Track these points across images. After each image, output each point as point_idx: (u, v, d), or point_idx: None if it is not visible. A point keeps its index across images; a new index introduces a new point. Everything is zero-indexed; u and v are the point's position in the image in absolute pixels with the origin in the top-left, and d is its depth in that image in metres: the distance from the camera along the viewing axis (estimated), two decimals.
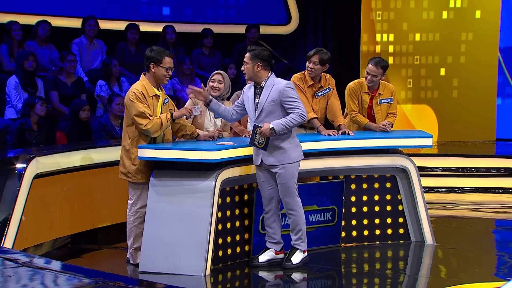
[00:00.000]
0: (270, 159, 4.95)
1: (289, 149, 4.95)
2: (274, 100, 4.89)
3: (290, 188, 4.97)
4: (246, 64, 4.97)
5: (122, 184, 5.37)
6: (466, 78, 10.31)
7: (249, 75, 4.97)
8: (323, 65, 5.68)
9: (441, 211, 7.38)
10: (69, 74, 7.64)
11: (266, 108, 4.90)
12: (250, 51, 4.99)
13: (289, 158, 4.95)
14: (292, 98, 4.88)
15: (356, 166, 5.67)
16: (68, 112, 7.29)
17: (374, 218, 5.79)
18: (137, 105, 4.89)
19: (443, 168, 8.56)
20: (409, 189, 5.75)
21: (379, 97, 5.93)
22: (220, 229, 5.09)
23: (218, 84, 5.45)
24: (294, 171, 4.97)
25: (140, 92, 4.93)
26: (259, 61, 4.93)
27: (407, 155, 5.80)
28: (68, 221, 5.76)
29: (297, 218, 5.05)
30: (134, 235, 5.08)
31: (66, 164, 5.78)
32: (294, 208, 5.02)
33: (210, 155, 4.82)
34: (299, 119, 4.87)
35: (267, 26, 10.11)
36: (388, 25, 10.34)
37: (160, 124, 4.92)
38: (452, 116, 10.31)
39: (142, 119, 4.88)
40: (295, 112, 4.87)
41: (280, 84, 4.92)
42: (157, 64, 4.98)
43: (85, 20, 8.31)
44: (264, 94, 4.93)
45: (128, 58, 8.49)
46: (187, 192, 4.90)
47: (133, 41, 8.53)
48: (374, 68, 5.83)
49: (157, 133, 4.96)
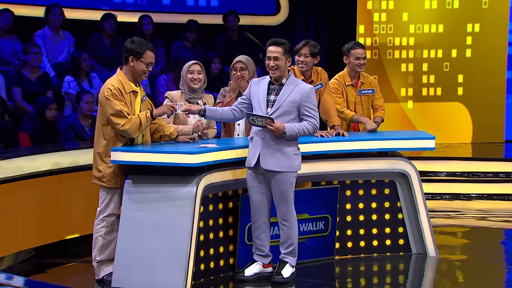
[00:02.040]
0: (271, 164, 4.97)
1: (293, 156, 5.00)
2: (295, 101, 4.95)
3: (288, 196, 5.01)
4: (278, 59, 4.96)
5: (93, 190, 5.36)
6: (473, 74, 10.40)
7: (281, 72, 4.98)
8: (314, 57, 5.75)
9: (445, 220, 7.43)
10: (33, 69, 7.61)
11: (283, 107, 4.95)
12: (281, 45, 4.97)
13: (292, 166, 5.00)
14: (313, 105, 4.98)
15: (352, 171, 5.70)
16: (33, 111, 7.26)
17: (371, 228, 5.82)
18: (113, 103, 4.87)
19: (447, 172, 8.62)
20: (409, 195, 5.80)
21: (361, 86, 6.03)
22: (202, 240, 5.10)
23: (197, 75, 5.47)
24: (292, 179, 5.02)
25: (116, 88, 4.91)
26: (290, 56, 5.01)
27: (408, 159, 5.85)
28: (33, 232, 5.74)
29: (290, 231, 5.07)
30: (99, 246, 5.07)
31: (30, 169, 5.76)
32: (289, 219, 5.04)
33: (191, 159, 4.83)
34: (311, 130, 4.96)
35: (254, 17, 10.14)
36: (386, 16, 10.41)
37: (139, 123, 4.92)
38: (457, 116, 10.39)
39: (119, 119, 4.87)
40: (311, 122, 4.95)
41: (304, 86, 4.98)
42: (137, 58, 4.97)
43: (49, 9, 8.28)
44: (284, 92, 4.96)
45: (102, 51, 8.47)
46: (166, 199, 4.91)
47: (110, 32, 8.52)
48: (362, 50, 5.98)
49: (136, 134, 4.96)
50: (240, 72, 5.56)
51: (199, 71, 5.48)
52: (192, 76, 5.46)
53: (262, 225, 5.12)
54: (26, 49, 7.61)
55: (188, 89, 5.48)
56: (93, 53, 8.24)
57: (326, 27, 10.50)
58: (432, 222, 5.92)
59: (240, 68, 5.57)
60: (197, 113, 5.15)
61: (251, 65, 5.64)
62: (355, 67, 5.99)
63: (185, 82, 5.49)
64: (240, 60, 5.61)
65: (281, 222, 5.08)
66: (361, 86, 6.05)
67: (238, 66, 5.61)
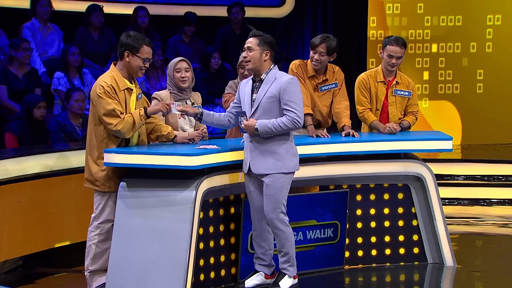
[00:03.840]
0: (260, 167, 4.97)
1: (284, 157, 4.98)
2: (272, 95, 4.93)
3: (277, 202, 4.98)
4: (251, 50, 4.96)
5: (85, 195, 5.39)
6: (493, 70, 10.40)
7: (254, 64, 4.97)
8: (331, 55, 5.74)
9: (463, 227, 7.44)
10: (21, 65, 7.63)
11: (262, 105, 4.94)
12: (257, 36, 4.99)
13: (283, 167, 4.97)
14: (293, 97, 4.90)
15: (362, 174, 5.72)
16: (20, 109, 7.29)
17: (384, 236, 5.84)
18: (105, 101, 4.89)
19: (466, 176, 8.62)
20: (425, 200, 5.81)
21: (396, 86, 5.97)
22: (201, 248, 5.12)
23: (185, 72, 5.46)
24: (284, 183, 4.99)
25: (110, 86, 4.93)
26: (268, 49, 4.96)
27: (423, 161, 5.86)
28: (20, 240, 5.76)
29: (282, 239, 5.05)
30: (92, 254, 5.08)
31: (17, 172, 5.78)
32: (278, 227, 5.02)
33: (189, 161, 4.84)
34: (290, 125, 4.90)
35: (257, 8, 10.15)
36: (400, 7, 10.43)
37: (132, 123, 4.94)
38: (477, 115, 10.40)
39: (111, 119, 4.89)
40: (289, 116, 4.89)
41: (282, 78, 4.94)
42: (133, 53, 4.99)
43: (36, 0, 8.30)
44: (263, 88, 4.96)
45: (90, 46, 8.50)
46: (163, 204, 4.93)
47: (97, 25, 8.55)
48: (397, 48, 5.82)
49: (130, 134, 4.98)
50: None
51: (186, 68, 5.46)
52: (179, 74, 5.45)
53: (263, 233, 5.13)
54: (16, 45, 7.61)
55: (176, 88, 5.47)
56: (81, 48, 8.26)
57: (335, 20, 10.50)
58: (450, 230, 5.92)
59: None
60: (193, 115, 5.15)
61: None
62: (387, 66, 5.87)
63: (172, 81, 5.48)
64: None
65: (272, 230, 5.08)
66: (396, 86, 5.95)
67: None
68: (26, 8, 8.44)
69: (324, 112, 5.87)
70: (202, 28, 9.37)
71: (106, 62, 8.44)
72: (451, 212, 7.80)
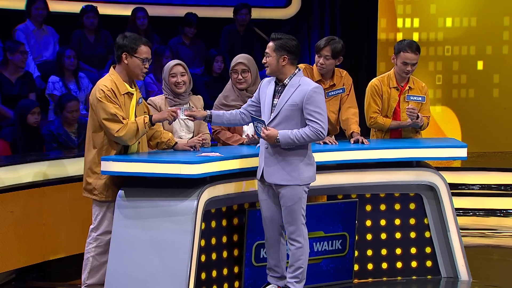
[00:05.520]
0: (275, 177, 5.00)
1: (301, 167, 5.00)
2: (295, 104, 4.95)
3: (296, 213, 5.02)
4: (268, 56, 5.00)
5: (81, 205, 5.42)
6: (510, 74, 10.42)
7: (272, 70, 5.00)
8: (336, 58, 5.76)
9: (478, 239, 7.44)
10: (16, 69, 7.67)
11: (283, 112, 4.96)
12: (275, 40, 5.01)
13: (299, 178, 5.00)
14: (317, 107, 4.92)
15: (372, 183, 5.74)
16: (13, 115, 7.32)
17: (395, 248, 5.85)
18: (106, 105, 4.92)
19: (481, 185, 8.63)
20: (438, 211, 5.83)
21: (408, 92, 6.00)
22: (203, 261, 5.13)
23: (181, 77, 5.47)
24: (302, 193, 5.03)
25: (110, 90, 4.95)
26: (286, 53, 4.98)
27: (436, 169, 5.88)
28: (13, 253, 5.78)
29: (299, 252, 5.07)
30: (90, 268, 5.09)
31: (10, 181, 5.80)
32: (297, 239, 5.05)
33: (191, 169, 4.86)
34: (313, 137, 4.94)
35: (262, 9, 10.18)
36: (412, 8, 10.46)
37: (135, 130, 4.95)
38: (493, 121, 10.41)
39: (113, 124, 4.91)
40: (312, 127, 4.92)
41: (306, 86, 4.96)
42: (131, 54, 5.02)
43: (32, 1, 8.36)
44: (285, 94, 4.98)
45: (86, 49, 8.54)
46: (162, 214, 4.94)
47: (91, 27, 8.60)
48: (413, 55, 5.84)
49: (133, 141, 4.99)
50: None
51: (182, 72, 5.47)
52: (175, 79, 5.45)
53: (274, 244, 5.14)
54: (13, 48, 7.62)
55: (172, 93, 5.48)
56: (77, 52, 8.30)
57: (343, 21, 10.53)
58: (464, 242, 5.93)
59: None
60: (202, 119, 5.19)
61: (253, 65, 5.64)
62: (401, 73, 5.90)
63: (168, 86, 5.49)
64: (241, 62, 5.60)
65: (289, 241, 5.09)
66: (409, 92, 5.97)
67: (239, 68, 5.60)
68: (21, 10, 8.47)
69: (332, 118, 5.89)
70: (204, 29, 9.39)
71: (104, 66, 8.48)
72: (466, 223, 7.80)
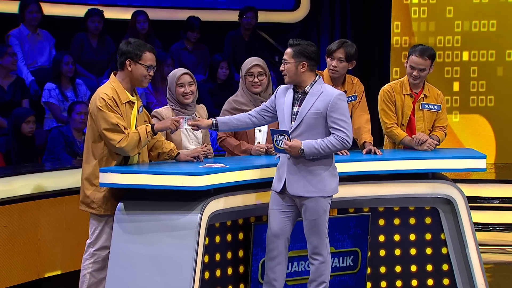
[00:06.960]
0: (298, 188, 5.00)
1: (327, 178, 5.02)
2: (319, 111, 4.97)
3: (320, 226, 5.04)
4: (286, 62, 5.03)
5: (78, 219, 5.42)
6: None
7: (291, 78, 5.03)
8: (350, 61, 5.78)
9: (499, 256, 7.43)
10: (7, 74, 7.70)
11: (306, 121, 4.99)
12: (293, 46, 5.03)
13: (324, 190, 5.02)
14: (342, 115, 4.96)
15: (386, 196, 5.73)
16: (7, 124, 7.35)
17: (410, 265, 5.84)
18: (107, 115, 4.93)
19: (501, 198, 8.61)
20: (455, 226, 5.81)
21: (423, 100, 6.00)
22: (207, 278, 5.13)
23: (189, 87, 5.45)
24: (326, 205, 5.06)
25: (111, 98, 4.97)
26: (305, 60, 5.00)
27: (453, 181, 5.87)
28: (6, 269, 5.79)
29: (322, 266, 5.08)
30: (87, 285, 5.09)
31: (4, 194, 5.82)
32: (321, 253, 5.06)
33: (194, 181, 4.86)
34: (339, 146, 4.96)
35: (270, 12, 10.22)
36: (427, 11, 10.47)
37: (137, 140, 4.97)
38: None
39: (114, 134, 4.92)
40: (337, 136, 4.95)
41: (330, 93, 5.00)
42: (136, 61, 5.03)
43: (25, 5, 8.39)
44: (307, 102, 5.00)
45: (88, 54, 8.58)
46: (164, 229, 4.94)
47: (95, 32, 8.64)
48: (420, 59, 5.87)
49: (134, 152, 5.00)
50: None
51: (190, 82, 5.45)
52: (182, 90, 5.43)
53: (278, 256, 5.13)
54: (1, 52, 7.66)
55: (178, 104, 5.47)
56: (77, 56, 8.32)
57: (354, 25, 10.55)
58: (484, 258, 5.92)
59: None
60: (207, 127, 5.21)
61: (267, 69, 5.69)
62: (409, 77, 5.92)
63: (174, 96, 5.48)
64: (258, 64, 5.62)
65: (311, 256, 5.09)
66: (424, 100, 5.97)
67: (255, 71, 5.61)
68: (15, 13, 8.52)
69: None
70: (207, 34, 9.42)
71: (103, 73, 8.51)
72: (485, 239, 7.78)
